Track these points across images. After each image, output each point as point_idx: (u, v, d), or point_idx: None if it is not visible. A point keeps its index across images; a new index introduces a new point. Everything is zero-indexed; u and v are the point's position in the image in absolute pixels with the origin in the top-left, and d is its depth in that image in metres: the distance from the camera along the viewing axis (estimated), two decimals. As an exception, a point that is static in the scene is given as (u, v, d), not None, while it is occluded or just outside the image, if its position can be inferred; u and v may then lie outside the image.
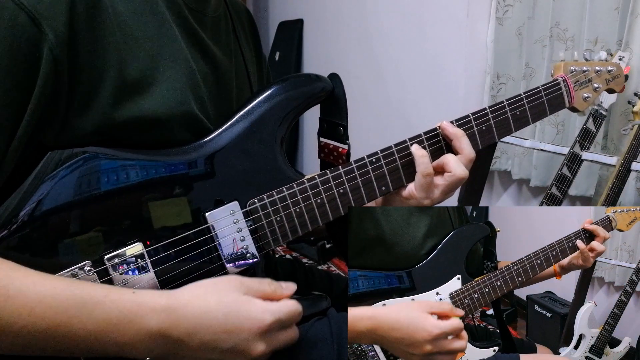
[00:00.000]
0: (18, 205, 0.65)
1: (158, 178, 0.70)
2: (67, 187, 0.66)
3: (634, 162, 1.55)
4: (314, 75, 0.81)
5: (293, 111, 0.78)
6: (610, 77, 0.96)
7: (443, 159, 0.80)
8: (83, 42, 0.65)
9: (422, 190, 0.79)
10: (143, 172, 0.69)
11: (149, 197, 0.70)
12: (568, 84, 0.90)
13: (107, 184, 0.68)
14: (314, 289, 0.99)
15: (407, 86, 2.55)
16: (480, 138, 0.84)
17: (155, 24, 0.72)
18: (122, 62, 0.67)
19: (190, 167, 0.72)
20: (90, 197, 0.67)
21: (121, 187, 0.68)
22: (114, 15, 0.68)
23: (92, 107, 0.66)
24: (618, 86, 0.97)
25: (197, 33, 0.78)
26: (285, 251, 2.69)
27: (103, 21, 0.67)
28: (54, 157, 0.66)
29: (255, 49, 0.99)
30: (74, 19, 0.64)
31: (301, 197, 0.75)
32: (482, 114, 0.83)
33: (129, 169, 0.69)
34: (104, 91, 0.66)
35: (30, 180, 0.65)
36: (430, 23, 2.39)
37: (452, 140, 0.80)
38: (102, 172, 0.67)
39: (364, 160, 0.78)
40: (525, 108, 0.86)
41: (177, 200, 0.71)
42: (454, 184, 0.79)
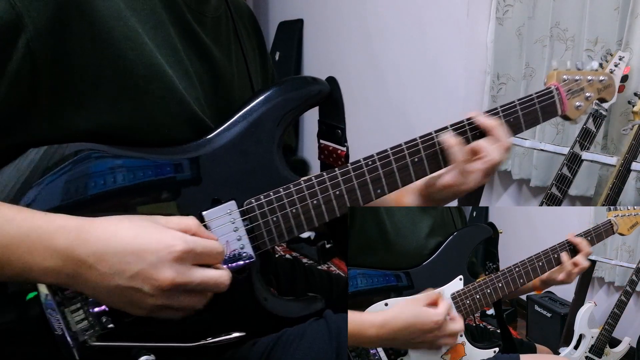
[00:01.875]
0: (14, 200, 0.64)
1: (155, 178, 0.70)
2: (58, 188, 0.66)
3: (634, 162, 1.55)
4: (311, 78, 0.81)
5: (291, 113, 0.78)
6: (602, 86, 0.98)
7: (475, 145, 0.82)
8: (74, 39, 0.65)
9: (461, 175, 0.81)
10: (140, 172, 0.69)
11: (147, 197, 0.70)
12: (560, 92, 0.91)
13: (102, 185, 0.67)
14: (314, 289, 0.99)
15: (407, 86, 2.55)
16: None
17: (151, 24, 0.71)
18: (120, 61, 0.67)
19: (189, 166, 0.72)
20: (89, 199, 0.67)
21: (118, 187, 0.68)
22: (112, 13, 0.67)
23: (89, 106, 0.66)
24: (610, 95, 1.00)
25: (197, 34, 0.78)
26: (285, 251, 2.69)
27: (99, 18, 0.66)
28: (49, 153, 0.66)
29: (259, 47, 0.99)
30: (62, 14, 0.64)
31: (298, 197, 0.76)
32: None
33: (125, 168, 0.69)
34: (100, 90, 0.66)
35: (20, 184, 0.65)
36: (430, 23, 2.39)
37: (489, 130, 0.82)
38: (97, 172, 0.67)
39: (360, 162, 0.79)
40: (518, 115, 0.87)
41: (175, 199, 0.71)
42: (491, 167, 0.81)
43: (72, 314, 0.66)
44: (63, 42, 0.64)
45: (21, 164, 0.65)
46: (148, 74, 0.69)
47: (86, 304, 0.66)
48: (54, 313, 0.65)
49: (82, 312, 0.66)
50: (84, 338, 0.66)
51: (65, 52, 0.64)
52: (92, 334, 0.67)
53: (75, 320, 0.66)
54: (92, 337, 0.67)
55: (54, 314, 0.65)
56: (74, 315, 0.66)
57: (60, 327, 0.65)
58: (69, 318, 0.66)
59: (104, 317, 0.67)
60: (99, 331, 0.67)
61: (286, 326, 0.80)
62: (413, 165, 0.81)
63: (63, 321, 0.65)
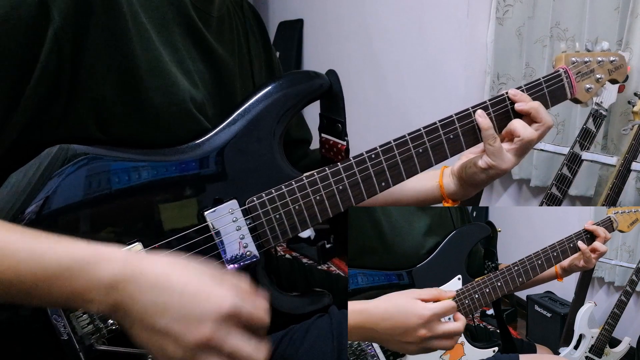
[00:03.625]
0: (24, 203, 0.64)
1: (156, 178, 0.70)
2: (70, 188, 0.66)
3: (634, 162, 1.55)
4: (312, 72, 0.81)
5: (291, 109, 0.77)
6: (613, 67, 0.94)
7: (510, 125, 0.83)
8: (93, 30, 0.64)
9: (495, 157, 0.82)
10: (142, 173, 0.69)
11: (147, 198, 0.70)
12: (569, 75, 0.88)
13: (104, 186, 0.67)
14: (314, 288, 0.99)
15: (407, 86, 2.55)
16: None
17: (157, 21, 0.71)
18: (128, 57, 0.67)
19: (188, 166, 0.72)
20: (90, 199, 0.67)
21: (120, 188, 0.68)
22: (128, 9, 0.67)
23: (95, 96, 0.65)
24: (621, 76, 0.96)
25: (202, 33, 0.78)
26: (285, 251, 2.69)
27: (117, 11, 0.65)
28: (59, 154, 0.65)
29: (264, 45, 0.98)
30: (85, 6, 0.63)
31: (300, 194, 0.75)
32: (483, 107, 0.84)
33: (128, 170, 0.68)
34: (106, 85, 0.66)
35: (37, 177, 0.65)
36: (430, 23, 2.38)
37: (531, 113, 0.83)
38: (100, 174, 0.67)
39: (363, 156, 0.78)
40: None
41: (176, 199, 0.71)
42: (525, 146, 0.83)
43: (77, 318, 0.66)
44: (83, 35, 0.64)
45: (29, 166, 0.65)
46: (151, 69, 0.68)
47: None
48: (60, 318, 0.65)
49: (87, 316, 0.66)
50: (90, 342, 0.66)
51: (83, 44, 0.64)
52: (98, 338, 0.67)
53: (81, 324, 0.66)
54: (99, 340, 0.67)
55: (59, 319, 0.65)
56: (79, 320, 0.66)
57: (67, 332, 0.65)
58: (75, 322, 0.66)
59: (110, 320, 0.67)
60: (105, 335, 0.67)
61: (293, 323, 0.80)
62: (417, 157, 0.80)
63: (69, 326, 0.65)
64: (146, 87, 0.68)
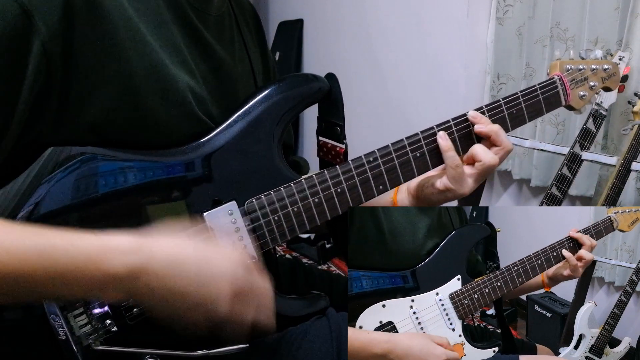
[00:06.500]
0: (16, 206, 0.64)
1: (156, 179, 0.70)
2: (64, 189, 0.66)
3: (634, 162, 1.55)
4: (311, 75, 0.81)
5: (290, 111, 0.78)
6: (606, 75, 0.96)
7: (471, 150, 0.81)
8: (81, 38, 0.64)
9: (455, 181, 0.81)
10: (141, 174, 0.69)
11: (147, 199, 0.70)
12: (564, 82, 0.90)
13: (104, 186, 0.67)
14: (314, 289, 0.98)
15: (407, 86, 2.55)
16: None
17: (154, 23, 0.71)
18: (123, 61, 0.67)
19: (188, 167, 0.72)
20: (89, 200, 0.67)
21: (119, 189, 0.68)
22: (117, 13, 0.67)
23: (91, 105, 0.66)
24: (614, 84, 0.97)
25: (201, 33, 0.78)
26: (285, 251, 2.69)
27: (105, 17, 0.65)
28: (53, 156, 0.66)
29: (261, 44, 0.98)
30: (70, 14, 0.63)
31: (299, 196, 0.75)
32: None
33: (126, 171, 0.68)
34: (102, 90, 0.66)
35: (30, 180, 0.65)
36: (430, 23, 2.38)
37: (491, 136, 0.81)
38: (100, 174, 0.67)
39: (362, 159, 0.78)
40: (521, 107, 0.86)
41: (175, 200, 0.71)
42: (485, 172, 0.81)
43: (75, 318, 0.66)
44: (72, 42, 0.64)
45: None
46: (149, 74, 0.68)
47: (89, 308, 0.66)
48: (57, 318, 0.65)
49: (85, 317, 0.66)
50: (88, 342, 0.66)
51: (74, 51, 0.64)
52: (96, 338, 0.67)
53: (78, 324, 0.66)
54: (96, 341, 0.67)
55: (57, 319, 0.65)
56: (77, 320, 0.66)
57: (64, 332, 0.65)
58: (72, 322, 0.66)
59: (108, 320, 0.67)
60: (102, 335, 0.67)
61: (290, 325, 0.80)
62: (415, 161, 0.80)
63: (66, 326, 0.65)
64: (145, 91, 0.68)
